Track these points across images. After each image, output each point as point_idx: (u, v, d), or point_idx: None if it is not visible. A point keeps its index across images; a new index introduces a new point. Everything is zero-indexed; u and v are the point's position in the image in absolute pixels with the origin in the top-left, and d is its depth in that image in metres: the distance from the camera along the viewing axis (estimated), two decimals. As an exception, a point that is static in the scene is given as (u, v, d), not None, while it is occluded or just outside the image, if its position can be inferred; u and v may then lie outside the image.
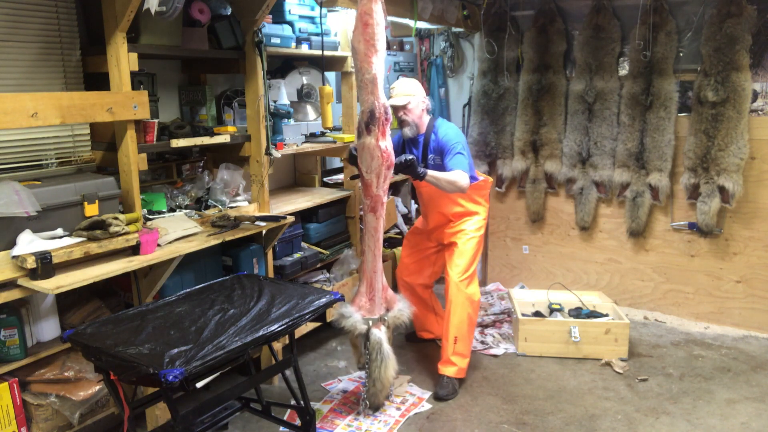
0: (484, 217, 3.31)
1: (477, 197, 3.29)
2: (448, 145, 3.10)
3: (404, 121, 3.16)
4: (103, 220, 2.36)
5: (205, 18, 2.80)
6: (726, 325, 3.97)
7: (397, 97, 3.13)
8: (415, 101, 3.14)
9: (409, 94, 3.13)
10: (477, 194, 3.28)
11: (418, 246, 3.49)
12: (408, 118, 3.15)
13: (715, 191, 3.75)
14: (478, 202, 3.30)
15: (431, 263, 3.50)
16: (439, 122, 3.21)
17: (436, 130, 3.18)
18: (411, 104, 3.13)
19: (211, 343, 1.97)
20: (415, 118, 3.17)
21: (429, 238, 3.45)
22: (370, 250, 2.82)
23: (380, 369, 2.82)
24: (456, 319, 3.12)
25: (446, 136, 3.12)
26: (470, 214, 3.27)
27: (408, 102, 3.12)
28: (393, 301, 2.96)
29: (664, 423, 2.88)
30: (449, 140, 3.11)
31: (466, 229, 3.24)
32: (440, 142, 3.13)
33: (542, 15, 4.17)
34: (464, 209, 3.25)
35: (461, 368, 3.17)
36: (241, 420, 2.88)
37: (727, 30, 3.59)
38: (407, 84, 3.17)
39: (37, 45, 2.43)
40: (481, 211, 3.30)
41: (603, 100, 4.03)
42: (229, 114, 3.24)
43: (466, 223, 3.26)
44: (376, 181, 2.72)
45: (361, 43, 2.57)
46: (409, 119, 3.16)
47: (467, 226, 3.25)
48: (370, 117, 2.64)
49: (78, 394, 2.42)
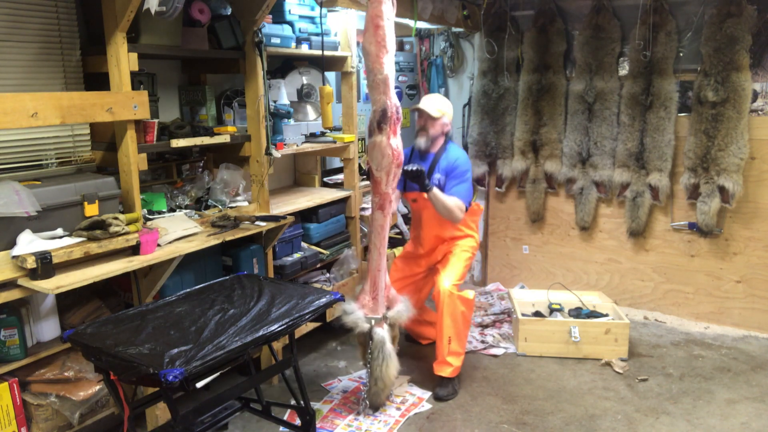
0: (475, 243, 3.38)
1: (470, 222, 3.37)
2: (458, 169, 3.17)
3: (424, 130, 3.21)
4: (103, 220, 2.36)
5: (205, 18, 2.80)
6: (726, 325, 3.97)
7: (430, 107, 3.18)
8: (444, 119, 3.21)
9: (442, 111, 3.21)
10: (470, 219, 3.37)
11: (406, 272, 3.47)
12: (430, 130, 3.20)
13: (715, 191, 3.75)
14: (471, 227, 3.38)
15: (418, 289, 3.48)
16: (451, 145, 3.28)
17: (447, 152, 3.23)
18: (439, 120, 3.19)
19: (211, 343, 1.97)
20: (434, 134, 3.22)
21: (419, 264, 3.45)
22: (376, 248, 2.83)
23: (382, 368, 2.83)
24: (448, 320, 3.08)
25: (458, 161, 3.19)
26: (464, 237, 3.34)
27: (440, 117, 3.18)
28: (395, 300, 2.97)
29: (664, 423, 2.89)
30: (460, 165, 3.18)
31: (461, 244, 3.31)
32: (450, 164, 3.19)
33: (542, 15, 4.17)
34: (461, 233, 3.32)
35: (457, 367, 3.16)
36: (241, 420, 2.88)
37: (727, 30, 3.59)
38: (442, 102, 3.26)
39: (37, 45, 2.43)
40: (473, 235, 3.38)
41: (603, 100, 4.03)
42: (229, 114, 3.24)
43: (461, 241, 3.33)
44: (386, 178, 2.76)
45: (373, 45, 2.60)
46: (430, 132, 3.20)
47: (462, 243, 3.32)
48: (382, 116, 2.68)
49: (78, 394, 2.42)
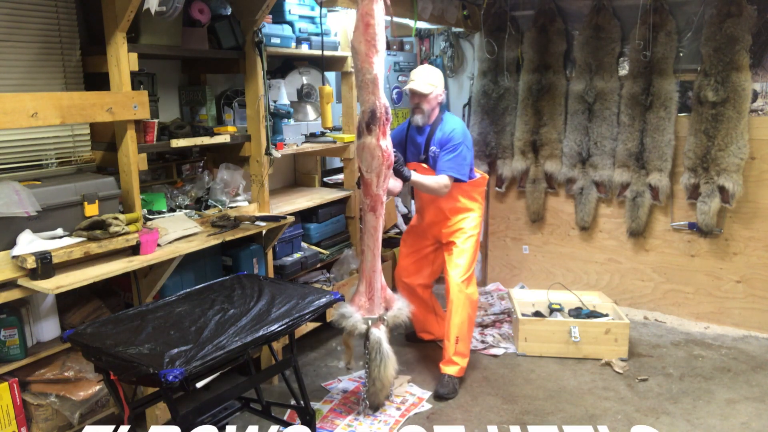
0: (479, 215, 3.33)
1: (474, 194, 3.30)
2: (451, 142, 3.13)
3: (419, 108, 3.17)
4: (103, 220, 2.36)
5: (205, 18, 2.80)
6: (726, 325, 3.97)
7: (420, 84, 3.13)
8: (436, 92, 3.16)
9: (433, 84, 3.14)
10: (474, 191, 3.30)
11: (415, 246, 3.49)
12: (424, 107, 3.16)
13: (715, 191, 3.75)
14: (475, 199, 3.31)
15: (430, 262, 3.50)
16: (446, 116, 3.24)
17: (443, 124, 3.20)
18: (432, 95, 3.15)
19: (211, 343, 1.97)
20: (430, 109, 3.18)
21: (425, 236, 3.45)
22: (369, 250, 2.83)
23: (380, 368, 2.83)
24: (457, 318, 3.14)
25: (453, 132, 3.15)
26: (466, 210, 3.28)
27: (431, 92, 3.14)
28: (392, 300, 2.97)
29: (664, 423, 2.88)
30: (454, 137, 3.14)
31: (464, 228, 3.25)
32: (445, 137, 3.16)
33: (542, 15, 4.17)
34: (461, 205, 3.26)
35: (462, 367, 3.20)
36: (241, 420, 2.88)
37: (727, 30, 3.59)
38: (431, 73, 3.17)
39: (37, 45, 2.43)
40: (476, 208, 3.32)
41: (603, 100, 4.03)
42: (229, 114, 3.24)
43: (464, 222, 3.26)
44: (376, 180, 2.73)
45: (362, 44, 2.57)
46: (425, 108, 3.17)
47: (465, 224, 3.26)
48: (371, 117, 2.64)
49: (78, 394, 2.42)
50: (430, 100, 3.16)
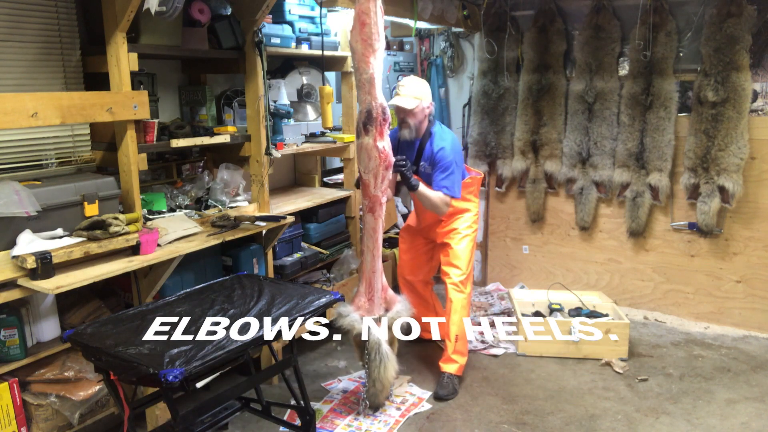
0: (475, 213, 3.32)
1: (466, 195, 3.28)
2: (442, 161, 3.07)
3: (406, 123, 3.08)
4: (103, 220, 2.36)
5: (205, 18, 2.80)
6: (726, 325, 3.97)
7: (405, 99, 3.03)
8: (421, 106, 3.06)
9: (418, 97, 3.03)
10: (465, 192, 3.26)
11: (413, 243, 3.52)
12: (411, 121, 3.07)
13: (715, 191, 3.75)
14: (468, 199, 3.30)
15: (428, 258, 3.53)
16: (436, 129, 3.15)
17: (432, 139, 3.12)
18: (417, 108, 3.04)
19: (211, 343, 1.97)
20: (417, 123, 3.09)
21: (421, 236, 3.47)
22: (369, 251, 2.82)
23: (380, 369, 2.82)
24: (457, 317, 3.16)
25: (442, 151, 3.07)
26: (461, 212, 3.27)
27: (416, 106, 3.03)
28: (393, 301, 2.96)
29: (664, 423, 2.88)
30: (444, 156, 3.06)
31: (458, 228, 3.24)
32: (434, 155, 3.09)
33: (542, 15, 4.17)
34: (455, 208, 3.24)
35: (461, 365, 3.22)
36: (241, 420, 2.88)
37: (727, 30, 3.59)
38: (417, 86, 3.06)
39: (37, 45, 2.43)
40: (471, 207, 3.31)
41: (603, 100, 4.03)
42: (229, 114, 3.24)
43: (458, 222, 3.26)
44: (374, 181, 2.72)
45: (359, 43, 2.55)
46: (411, 123, 3.08)
47: (459, 224, 3.25)
48: (367, 117, 2.62)
49: (78, 394, 2.42)
50: (416, 113, 3.05)
